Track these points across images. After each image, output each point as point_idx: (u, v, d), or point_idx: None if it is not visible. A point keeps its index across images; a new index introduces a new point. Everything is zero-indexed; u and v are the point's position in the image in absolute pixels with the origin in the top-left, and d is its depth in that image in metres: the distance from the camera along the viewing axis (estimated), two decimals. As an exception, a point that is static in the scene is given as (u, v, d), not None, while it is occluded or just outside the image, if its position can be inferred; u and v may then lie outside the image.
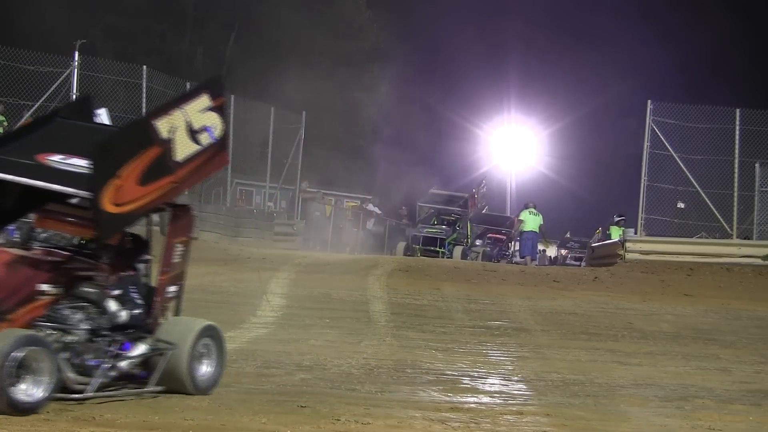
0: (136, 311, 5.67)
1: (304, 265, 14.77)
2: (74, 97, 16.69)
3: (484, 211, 26.68)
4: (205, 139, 5.77)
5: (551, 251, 30.80)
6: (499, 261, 23.55)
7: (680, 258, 16.58)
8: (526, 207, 20.87)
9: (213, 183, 25.55)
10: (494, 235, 25.12)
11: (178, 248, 5.86)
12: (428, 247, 20.86)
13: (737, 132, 16.95)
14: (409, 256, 20.26)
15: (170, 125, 5.50)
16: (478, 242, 24.57)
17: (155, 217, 5.83)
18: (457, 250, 20.94)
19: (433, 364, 7.27)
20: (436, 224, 22.15)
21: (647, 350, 8.71)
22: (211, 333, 5.92)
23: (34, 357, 4.79)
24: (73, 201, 5.72)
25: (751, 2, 37.42)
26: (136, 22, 27.04)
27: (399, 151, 32.55)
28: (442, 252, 20.81)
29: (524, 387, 6.64)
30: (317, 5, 30.94)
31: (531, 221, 20.31)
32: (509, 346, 8.51)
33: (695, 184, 17.02)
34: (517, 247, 24.55)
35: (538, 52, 41.76)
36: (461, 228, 22.47)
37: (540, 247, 23.86)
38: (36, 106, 16.52)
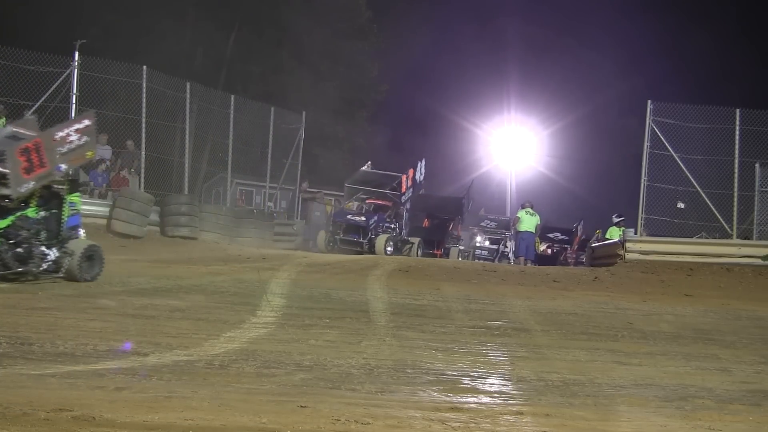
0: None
1: (304, 265, 14.79)
2: (74, 97, 16.73)
3: (366, 167, 21.27)
4: None
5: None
6: (370, 240, 18.89)
7: (680, 258, 16.61)
8: (523, 206, 20.67)
9: (213, 183, 25.60)
10: (374, 201, 20.22)
11: None
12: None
13: (737, 132, 16.98)
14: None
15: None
16: (349, 215, 19.04)
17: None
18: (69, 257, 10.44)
19: (433, 364, 7.25)
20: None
21: (647, 350, 8.69)
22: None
23: None
24: None
25: (751, 2, 37.49)
26: (136, 22, 27.04)
27: (399, 151, 32.61)
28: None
29: (524, 387, 6.62)
30: (317, 5, 30.95)
31: (527, 221, 20.10)
32: (509, 346, 8.49)
33: (695, 184, 17.04)
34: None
35: (538, 52, 41.91)
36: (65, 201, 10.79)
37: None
38: (36, 106, 16.54)
